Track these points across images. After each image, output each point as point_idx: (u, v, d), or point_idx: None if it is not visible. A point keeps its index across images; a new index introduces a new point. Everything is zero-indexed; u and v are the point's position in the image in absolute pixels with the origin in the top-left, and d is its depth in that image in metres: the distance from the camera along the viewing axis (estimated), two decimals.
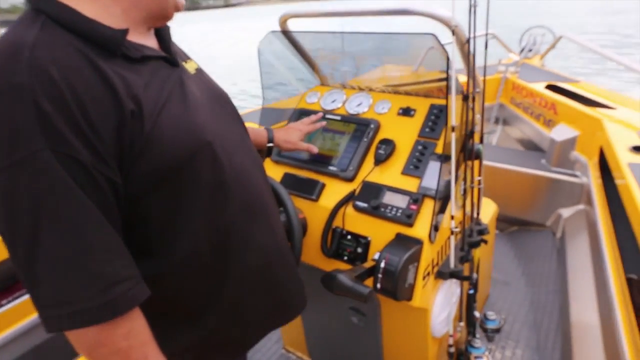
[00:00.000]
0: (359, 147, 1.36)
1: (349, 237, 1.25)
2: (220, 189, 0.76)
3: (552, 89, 2.93)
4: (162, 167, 0.67)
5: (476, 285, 1.46)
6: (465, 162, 1.28)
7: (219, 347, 0.86)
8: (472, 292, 1.44)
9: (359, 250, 1.23)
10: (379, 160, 1.31)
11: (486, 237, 1.40)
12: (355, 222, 1.26)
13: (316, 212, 1.32)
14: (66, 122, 0.56)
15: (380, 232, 1.20)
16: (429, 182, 1.20)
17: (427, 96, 1.41)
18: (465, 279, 1.23)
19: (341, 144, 1.40)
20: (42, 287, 0.58)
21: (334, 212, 1.28)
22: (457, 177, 1.18)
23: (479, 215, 1.47)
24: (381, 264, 1.07)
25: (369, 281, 1.10)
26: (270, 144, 1.24)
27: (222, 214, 0.77)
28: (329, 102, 1.55)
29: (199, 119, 0.73)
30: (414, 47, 1.36)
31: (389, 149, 1.30)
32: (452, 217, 1.18)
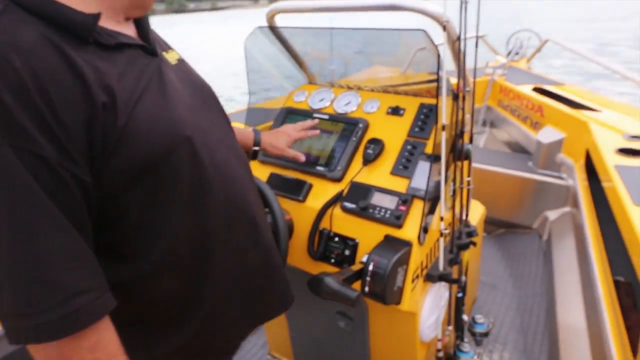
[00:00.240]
0: (347, 147, 1.33)
1: (336, 239, 1.22)
2: (200, 186, 0.72)
3: (539, 91, 2.95)
4: (138, 163, 0.62)
5: (465, 288, 1.44)
6: (455, 162, 1.26)
7: (201, 353, 0.82)
8: (460, 295, 1.42)
9: (347, 252, 1.19)
10: (368, 160, 1.28)
11: (474, 240, 1.38)
12: (342, 223, 1.22)
13: (303, 213, 1.28)
14: (28, 114, 0.52)
15: (368, 233, 1.17)
16: (419, 182, 1.17)
17: (417, 95, 1.39)
18: (454, 281, 1.21)
19: (329, 143, 1.37)
20: (2, 296, 0.54)
21: (321, 214, 1.25)
22: (446, 177, 1.16)
23: (468, 217, 1.45)
24: (369, 266, 1.04)
25: (357, 284, 1.07)
26: (256, 148, 1.19)
27: (202, 213, 0.73)
28: (316, 101, 1.52)
29: (178, 112, 0.68)
30: (403, 44, 1.34)
31: (378, 149, 1.28)
32: (442, 219, 1.16)
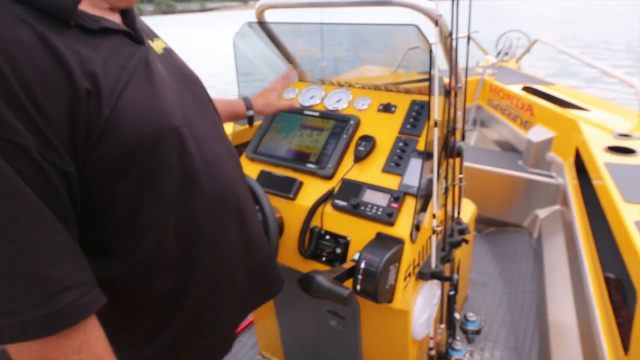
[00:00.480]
0: (338, 144, 1.31)
1: (327, 237, 1.20)
2: (188, 179, 0.69)
3: (529, 91, 2.96)
4: (124, 153, 0.60)
5: (457, 286, 1.44)
6: (447, 159, 1.25)
7: (187, 352, 0.80)
8: (452, 293, 1.41)
9: (338, 250, 1.18)
10: (359, 157, 1.26)
11: (466, 237, 1.37)
12: (334, 221, 1.21)
13: (293, 211, 1.26)
14: (4, 100, 0.49)
15: (360, 231, 1.15)
16: (411, 179, 1.16)
17: (408, 92, 1.38)
18: (446, 279, 1.20)
19: (320, 140, 1.35)
20: None
21: (312, 211, 1.23)
22: (438, 174, 1.15)
23: (460, 214, 1.44)
24: (361, 264, 1.03)
25: (349, 283, 1.05)
26: (250, 112, 1.20)
27: (191, 207, 0.71)
28: (307, 98, 1.50)
29: (165, 102, 0.66)
30: (395, 41, 1.33)
31: (369, 146, 1.26)
32: (434, 216, 1.15)
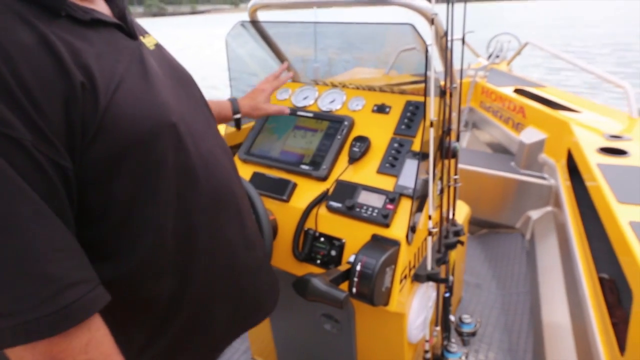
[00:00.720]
0: (332, 145, 1.30)
1: (322, 239, 1.19)
2: (186, 175, 0.68)
3: (520, 93, 2.98)
4: (121, 149, 0.58)
5: (452, 288, 1.43)
6: (442, 160, 1.25)
7: (186, 354, 0.78)
8: (447, 295, 1.40)
9: (333, 253, 1.16)
10: (354, 158, 1.25)
11: (461, 239, 1.36)
12: (328, 223, 1.19)
13: (287, 213, 1.24)
14: None
15: (355, 233, 1.14)
16: (406, 180, 1.15)
17: (403, 93, 1.37)
18: (442, 281, 1.19)
19: (313, 141, 1.33)
20: None
21: (306, 213, 1.21)
22: (434, 175, 1.14)
23: (454, 215, 1.44)
24: (357, 267, 1.01)
25: (344, 285, 1.03)
26: (237, 115, 1.14)
27: (189, 203, 0.69)
28: (300, 99, 1.49)
29: (162, 98, 0.64)
30: (389, 41, 1.32)
31: (364, 147, 1.25)
32: (430, 217, 1.14)
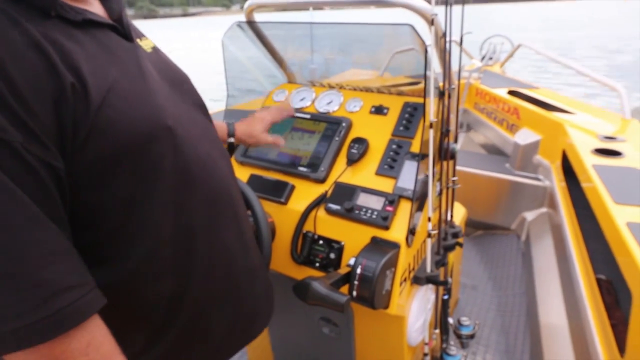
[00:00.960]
0: (330, 147, 1.28)
1: (320, 242, 1.17)
2: (184, 181, 0.66)
3: (514, 94, 2.99)
4: (115, 152, 0.57)
5: (450, 290, 1.42)
6: (441, 161, 1.24)
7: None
8: (446, 297, 1.40)
9: (332, 255, 1.15)
10: (352, 160, 1.24)
11: (459, 240, 1.36)
12: (327, 225, 1.18)
13: (285, 216, 1.23)
14: None
15: (354, 235, 1.13)
16: (405, 182, 1.14)
17: (400, 94, 1.36)
18: (442, 283, 1.18)
19: (311, 143, 1.32)
20: None
21: (305, 216, 1.20)
22: (433, 176, 1.14)
23: (453, 217, 1.43)
24: (357, 270, 1.00)
25: (344, 289, 1.02)
26: (231, 140, 1.12)
27: (186, 207, 0.67)
28: (297, 101, 1.48)
29: (157, 101, 0.63)
30: (388, 41, 1.31)
31: (362, 149, 1.24)
32: (429, 219, 1.13)
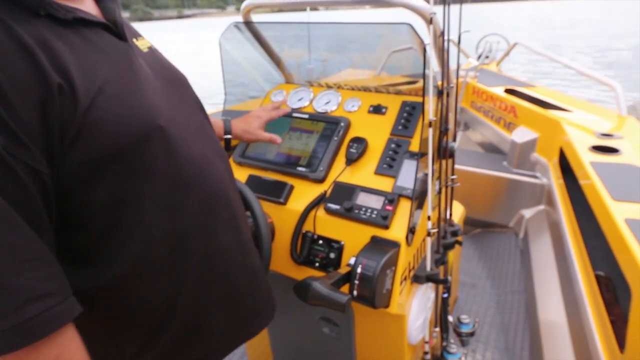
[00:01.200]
0: (329, 147, 1.28)
1: (320, 242, 1.17)
2: (177, 181, 0.66)
3: (511, 92, 3.00)
4: (105, 153, 0.56)
5: (450, 288, 1.42)
6: (439, 160, 1.24)
7: None
8: (445, 295, 1.40)
9: (332, 255, 1.15)
10: (351, 159, 1.24)
11: (458, 239, 1.36)
12: (327, 225, 1.18)
13: (284, 216, 1.23)
14: None
15: (354, 235, 1.13)
16: (404, 181, 1.14)
17: (398, 93, 1.36)
18: (442, 282, 1.18)
19: (310, 143, 1.32)
20: None
21: (304, 216, 1.20)
22: (432, 175, 1.14)
23: (452, 215, 1.43)
24: (357, 269, 1.00)
25: (344, 288, 1.02)
26: (227, 136, 1.13)
27: (179, 208, 0.67)
28: (295, 101, 1.47)
29: (149, 101, 0.63)
30: (385, 41, 1.31)
31: (361, 148, 1.24)
32: (429, 218, 1.13)
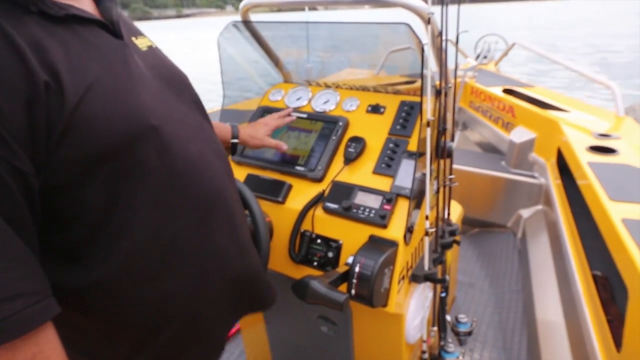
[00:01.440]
0: (327, 146, 1.29)
1: (318, 241, 1.17)
2: (170, 180, 0.65)
3: (509, 92, 3.01)
4: (94, 152, 0.56)
5: (448, 288, 1.43)
6: (437, 160, 1.24)
7: None
8: (443, 295, 1.40)
9: (330, 254, 1.15)
10: (349, 159, 1.24)
11: (456, 238, 1.36)
12: (325, 224, 1.18)
13: (283, 215, 1.23)
14: None
15: (352, 234, 1.13)
16: (403, 181, 1.14)
17: (397, 93, 1.36)
18: (440, 281, 1.18)
19: (308, 142, 1.32)
20: None
21: (302, 215, 1.20)
22: (431, 175, 1.14)
23: (450, 215, 1.44)
24: (355, 268, 1.00)
25: (342, 287, 1.02)
26: (234, 140, 1.15)
27: (172, 209, 0.66)
28: (293, 100, 1.47)
29: (143, 100, 0.62)
30: (383, 41, 1.32)
31: (360, 147, 1.24)
32: (427, 217, 1.13)
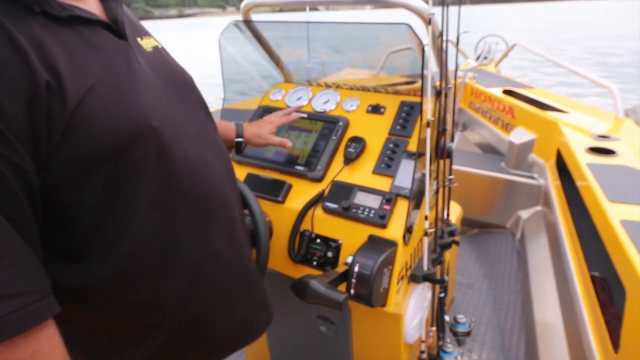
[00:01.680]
0: (327, 146, 1.29)
1: (318, 241, 1.18)
2: (168, 181, 0.66)
3: (509, 93, 3.01)
4: (94, 152, 0.56)
5: (446, 288, 1.43)
6: (437, 160, 1.25)
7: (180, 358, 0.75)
8: (442, 295, 1.41)
9: (329, 254, 1.15)
10: (349, 159, 1.24)
11: (455, 239, 1.37)
12: (325, 224, 1.18)
13: (282, 214, 1.23)
14: None
15: (351, 234, 1.13)
16: (402, 181, 1.15)
17: (397, 93, 1.37)
18: (438, 282, 1.19)
19: (308, 142, 1.33)
20: None
21: (302, 215, 1.20)
22: (430, 175, 1.14)
23: (449, 215, 1.44)
24: (355, 268, 1.00)
25: (342, 287, 1.03)
26: (239, 139, 1.15)
27: (171, 210, 0.67)
28: (294, 100, 1.48)
29: (144, 101, 0.62)
30: (383, 41, 1.32)
31: (359, 147, 1.24)
32: (426, 218, 1.14)
